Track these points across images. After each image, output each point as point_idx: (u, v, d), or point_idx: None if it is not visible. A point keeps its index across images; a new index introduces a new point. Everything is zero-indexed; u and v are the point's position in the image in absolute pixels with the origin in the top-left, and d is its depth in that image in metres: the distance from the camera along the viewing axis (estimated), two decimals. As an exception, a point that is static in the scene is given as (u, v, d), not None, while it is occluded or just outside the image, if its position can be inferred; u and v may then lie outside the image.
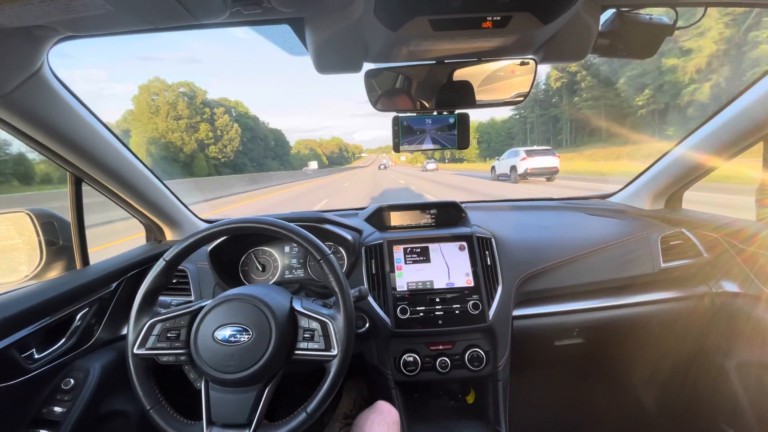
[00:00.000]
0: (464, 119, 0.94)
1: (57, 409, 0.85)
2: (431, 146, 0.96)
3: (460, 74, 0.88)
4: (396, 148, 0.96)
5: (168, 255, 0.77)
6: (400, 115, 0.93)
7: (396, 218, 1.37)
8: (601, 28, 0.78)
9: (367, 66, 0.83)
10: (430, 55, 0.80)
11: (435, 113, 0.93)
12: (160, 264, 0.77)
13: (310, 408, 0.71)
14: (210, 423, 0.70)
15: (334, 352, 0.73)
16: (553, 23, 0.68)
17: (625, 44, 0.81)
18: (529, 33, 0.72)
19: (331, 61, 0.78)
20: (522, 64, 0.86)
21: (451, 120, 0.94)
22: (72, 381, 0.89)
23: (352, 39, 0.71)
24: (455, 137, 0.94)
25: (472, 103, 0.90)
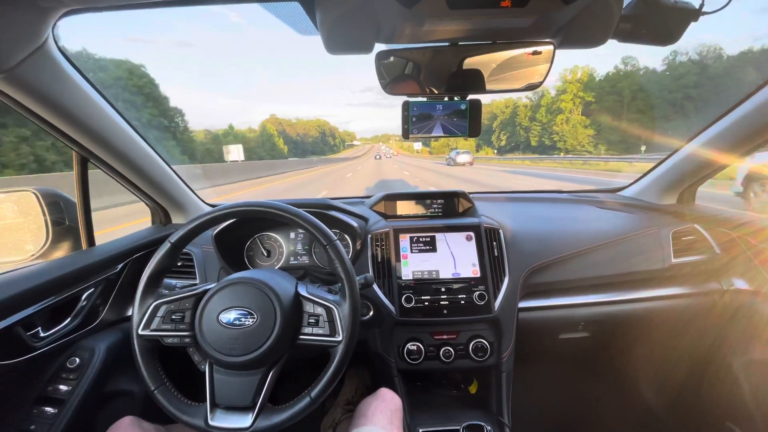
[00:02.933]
0: (476, 106, 0.91)
1: (62, 387, 0.86)
2: (441, 133, 0.94)
3: (473, 58, 0.85)
4: (405, 135, 0.94)
5: (173, 237, 0.77)
6: (411, 100, 0.91)
7: (402, 207, 1.35)
8: (623, 11, 0.74)
9: (378, 47, 0.80)
10: (443, 36, 0.78)
11: (446, 99, 0.91)
12: (165, 246, 0.77)
13: (314, 393, 0.71)
14: (214, 405, 0.71)
15: (339, 337, 0.73)
16: (575, 4, 0.65)
17: (647, 29, 0.77)
18: (548, 14, 0.69)
19: (341, 41, 0.75)
20: (535, 53, 0.83)
21: (463, 106, 0.91)
22: (77, 360, 0.89)
23: (365, 17, 0.68)
24: (466, 124, 0.92)
25: (484, 89, 0.88)
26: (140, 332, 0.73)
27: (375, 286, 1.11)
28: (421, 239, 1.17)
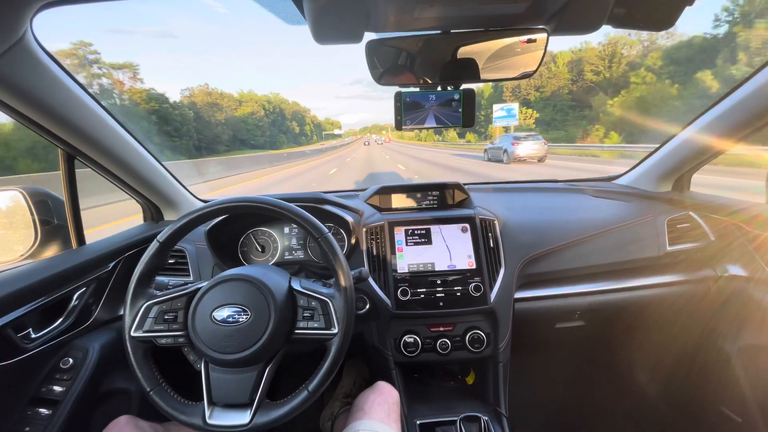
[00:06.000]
0: (470, 95, 0.90)
1: (56, 388, 0.85)
2: (434, 124, 0.92)
3: (467, 47, 0.83)
4: (398, 126, 0.92)
5: (162, 236, 0.76)
6: (403, 90, 0.89)
7: (397, 200, 1.34)
8: None
9: (368, 36, 0.78)
10: (435, 23, 0.76)
11: (439, 89, 0.89)
12: (154, 245, 0.76)
13: (312, 386, 0.71)
14: (211, 403, 0.70)
15: (335, 330, 0.72)
16: None
17: (642, 14, 0.76)
18: (541, 0, 0.67)
19: (330, 29, 0.73)
20: (529, 41, 0.81)
21: (456, 96, 0.90)
22: (71, 360, 0.89)
23: (353, 5, 0.66)
24: (460, 114, 0.91)
25: (478, 78, 0.86)
26: (132, 334, 0.72)
27: (371, 280, 1.11)
28: (416, 232, 1.16)
